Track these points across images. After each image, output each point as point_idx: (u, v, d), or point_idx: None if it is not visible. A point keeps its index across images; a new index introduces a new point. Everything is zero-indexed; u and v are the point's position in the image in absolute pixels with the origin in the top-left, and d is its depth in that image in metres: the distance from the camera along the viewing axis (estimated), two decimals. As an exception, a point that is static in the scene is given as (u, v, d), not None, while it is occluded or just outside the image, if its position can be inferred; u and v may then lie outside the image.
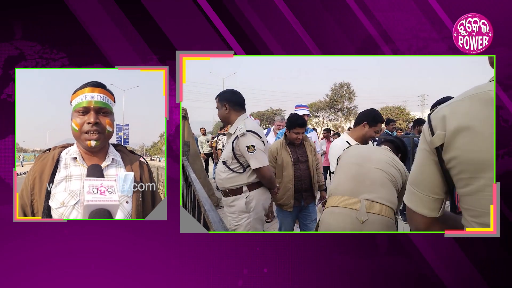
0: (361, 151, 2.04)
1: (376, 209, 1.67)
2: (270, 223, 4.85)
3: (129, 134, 1.87)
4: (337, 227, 1.69)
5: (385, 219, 1.68)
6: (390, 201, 1.74)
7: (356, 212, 1.66)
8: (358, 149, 2.11)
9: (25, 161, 1.84)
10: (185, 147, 5.64)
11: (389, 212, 1.71)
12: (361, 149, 2.09)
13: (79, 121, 1.47)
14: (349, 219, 1.67)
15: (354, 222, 1.66)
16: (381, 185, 1.74)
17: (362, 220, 1.65)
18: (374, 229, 1.66)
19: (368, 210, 1.66)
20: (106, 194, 1.34)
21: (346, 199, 1.71)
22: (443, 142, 0.92)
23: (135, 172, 1.56)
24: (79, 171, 1.48)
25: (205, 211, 1.83)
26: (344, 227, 1.68)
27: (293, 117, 3.18)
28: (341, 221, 1.69)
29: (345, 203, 1.70)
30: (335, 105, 37.20)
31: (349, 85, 37.89)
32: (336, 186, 1.82)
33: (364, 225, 1.64)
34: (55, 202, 1.41)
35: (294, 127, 3.06)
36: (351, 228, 1.67)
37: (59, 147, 1.54)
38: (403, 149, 2.23)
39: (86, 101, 1.47)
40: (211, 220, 1.62)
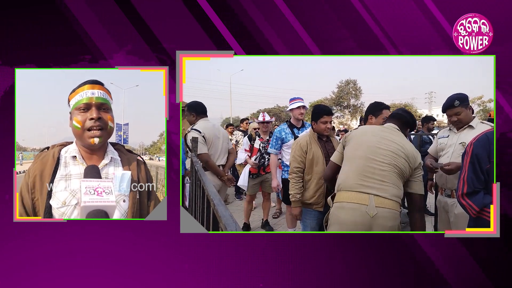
0: (368, 141, 2.00)
1: (384, 204, 1.77)
2: (277, 218, 4.86)
3: (128, 133, 1.87)
4: (348, 221, 1.78)
5: (392, 212, 1.79)
6: (396, 195, 1.84)
7: (365, 207, 1.76)
8: (364, 136, 2.05)
9: (24, 160, 1.84)
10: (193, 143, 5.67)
11: (395, 205, 1.81)
12: (367, 138, 2.03)
13: (81, 118, 1.46)
14: (359, 213, 1.76)
15: (364, 216, 1.75)
16: (388, 180, 1.83)
17: (372, 214, 1.75)
18: (383, 222, 1.76)
19: (377, 205, 1.76)
20: (103, 195, 1.33)
21: (355, 194, 1.79)
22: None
23: (132, 171, 1.55)
24: (78, 170, 1.47)
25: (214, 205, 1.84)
26: (355, 221, 1.77)
27: (318, 107, 2.94)
28: (352, 215, 1.78)
29: (354, 199, 1.79)
30: (342, 102, 37.10)
31: (356, 82, 37.83)
32: (345, 181, 1.90)
33: (373, 219, 1.75)
34: (56, 201, 1.40)
35: (321, 115, 2.82)
36: (362, 222, 1.76)
37: (58, 145, 1.53)
38: (411, 122, 2.17)
39: (87, 97, 1.47)
40: (220, 214, 1.62)
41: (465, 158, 1.82)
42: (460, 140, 2.45)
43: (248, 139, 4.69)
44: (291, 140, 3.62)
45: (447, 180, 2.53)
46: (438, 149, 2.70)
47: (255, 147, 4.58)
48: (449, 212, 2.49)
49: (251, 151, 4.59)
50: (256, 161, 4.45)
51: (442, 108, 2.57)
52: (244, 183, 4.48)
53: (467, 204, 1.79)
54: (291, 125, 3.73)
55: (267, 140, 4.54)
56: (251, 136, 4.69)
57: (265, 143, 4.53)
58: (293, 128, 3.72)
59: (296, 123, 3.74)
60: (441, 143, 2.68)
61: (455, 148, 2.49)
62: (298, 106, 3.68)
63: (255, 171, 4.46)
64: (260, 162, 4.48)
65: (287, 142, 3.65)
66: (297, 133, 3.69)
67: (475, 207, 1.76)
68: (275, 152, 3.75)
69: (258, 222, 4.59)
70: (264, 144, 4.52)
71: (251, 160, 4.49)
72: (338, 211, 1.83)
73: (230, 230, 1.44)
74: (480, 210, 1.76)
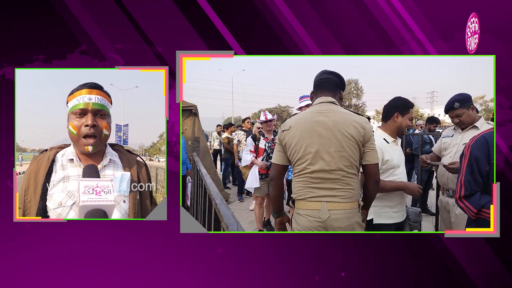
0: (308, 145, 1.80)
1: (336, 206, 1.77)
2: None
3: (128, 134, 1.87)
4: (304, 227, 1.80)
5: (345, 212, 1.77)
6: (349, 196, 1.79)
7: (318, 212, 1.77)
8: (303, 139, 1.83)
9: (24, 161, 1.84)
10: (195, 143, 5.68)
11: (350, 205, 1.79)
12: (306, 141, 1.82)
13: (76, 124, 1.46)
14: (312, 218, 1.78)
15: (317, 221, 1.77)
16: (339, 186, 1.78)
17: (325, 218, 1.76)
18: (337, 224, 1.76)
19: (329, 208, 1.76)
20: (101, 194, 1.33)
21: (308, 203, 1.80)
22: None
23: (132, 172, 1.55)
24: (76, 172, 1.47)
25: (216, 204, 1.85)
26: (310, 226, 1.78)
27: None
28: (306, 221, 1.79)
29: (308, 206, 1.80)
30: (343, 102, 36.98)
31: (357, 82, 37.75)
32: (297, 192, 1.85)
33: (327, 222, 1.76)
34: (53, 203, 1.41)
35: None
36: (316, 226, 1.77)
37: (55, 148, 1.53)
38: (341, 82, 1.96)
39: (83, 103, 1.47)
40: (222, 214, 1.63)
41: (463, 160, 1.82)
42: (464, 140, 2.43)
43: (252, 139, 4.56)
44: None
45: (449, 180, 2.53)
46: (441, 148, 2.70)
47: (260, 147, 4.46)
48: (450, 212, 2.48)
49: (256, 152, 4.47)
50: (264, 161, 4.35)
51: (444, 110, 2.56)
52: (253, 185, 4.31)
53: (465, 207, 1.79)
54: None
55: (272, 139, 4.45)
56: (255, 137, 4.57)
57: (270, 143, 4.43)
58: None
59: None
60: (444, 143, 2.68)
61: (458, 148, 2.48)
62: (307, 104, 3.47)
63: (264, 172, 4.34)
64: (269, 162, 4.33)
65: None
66: None
67: (473, 208, 1.76)
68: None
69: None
70: (270, 144, 4.42)
71: (258, 160, 4.37)
72: (296, 217, 1.85)
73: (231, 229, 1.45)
74: (478, 211, 1.76)
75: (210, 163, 6.45)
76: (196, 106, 6.27)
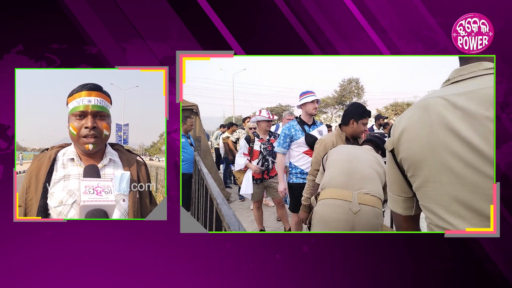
0: (350, 150, 2.13)
1: (367, 200, 1.76)
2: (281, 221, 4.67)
3: (128, 134, 1.87)
4: (331, 218, 1.77)
5: (375, 210, 1.77)
6: (378, 193, 1.84)
7: (349, 203, 1.75)
8: (347, 147, 2.22)
9: (24, 160, 1.84)
10: (197, 142, 5.68)
11: (378, 203, 1.80)
12: (350, 148, 2.19)
13: (77, 125, 1.48)
14: (342, 209, 1.75)
15: (347, 213, 1.74)
16: (370, 179, 1.85)
17: (355, 211, 1.73)
18: (365, 219, 1.74)
19: (360, 202, 1.74)
20: (102, 194, 1.34)
21: (339, 191, 1.79)
22: (393, 147, 1.05)
23: (132, 171, 1.56)
24: (77, 171, 1.49)
25: (217, 204, 1.85)
26: (338, 218, 1.76)
27: (360, 106, 2.75)
28: (335, 212, 1.77)
29: (338, 195, 1.78)
30: (344, 101, 36.93)
31: (358, 81, 37.72)
32: (329, 180, 1.90)
33: (357, 215, 1.73)
34: (54, 201, 1.42)
35: (365, 116, 2.64)
36: (345, 219, 1.75)
37: (56, 147, 1.55)
38: (382, 146, 2.28)
39: (83, 105, 1.47)
40: (223, 213, 1.63)
41: None
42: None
43: (246, 141, 4.17)
44: (301, 138, 3.31)
45: None
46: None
47: (255, 149, 4.10)
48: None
49: (251, 155, 4.11)
50: (259, 165, 4.02)
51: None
52: (247, 191, 3.99)
53: None
54: (302, 122, 3.38)
55: (268, 140, 4.14)
56: (249, 138, 4.18)
57: (266, 144, 4.11)
58: (303, 125, 3.37)
59: (307, 119, 3.38)
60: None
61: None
62: (312, 100, 3.32)
63: (258, 176, 4.01)
64: (264, 165, 4.03)
65: (297, 140, 3.31)
66: (308, 130, 3.35)
67: None
68: (283, 152, 3.38)
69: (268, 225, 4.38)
70: (266, 145, 4.10)
71: (252, 164, 4.04)
72: (322, 208, 1.82)
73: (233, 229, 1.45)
74: None
75: (211, 163, 6.44)
76: (197, 106, 6.27)
